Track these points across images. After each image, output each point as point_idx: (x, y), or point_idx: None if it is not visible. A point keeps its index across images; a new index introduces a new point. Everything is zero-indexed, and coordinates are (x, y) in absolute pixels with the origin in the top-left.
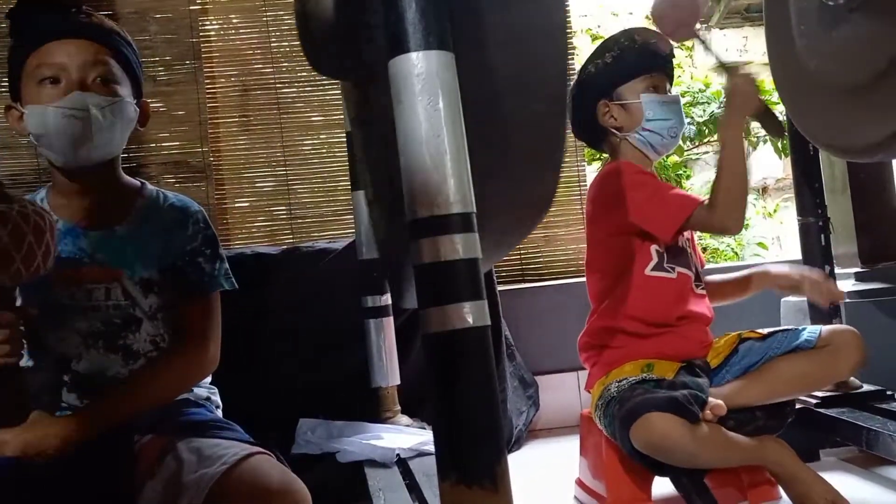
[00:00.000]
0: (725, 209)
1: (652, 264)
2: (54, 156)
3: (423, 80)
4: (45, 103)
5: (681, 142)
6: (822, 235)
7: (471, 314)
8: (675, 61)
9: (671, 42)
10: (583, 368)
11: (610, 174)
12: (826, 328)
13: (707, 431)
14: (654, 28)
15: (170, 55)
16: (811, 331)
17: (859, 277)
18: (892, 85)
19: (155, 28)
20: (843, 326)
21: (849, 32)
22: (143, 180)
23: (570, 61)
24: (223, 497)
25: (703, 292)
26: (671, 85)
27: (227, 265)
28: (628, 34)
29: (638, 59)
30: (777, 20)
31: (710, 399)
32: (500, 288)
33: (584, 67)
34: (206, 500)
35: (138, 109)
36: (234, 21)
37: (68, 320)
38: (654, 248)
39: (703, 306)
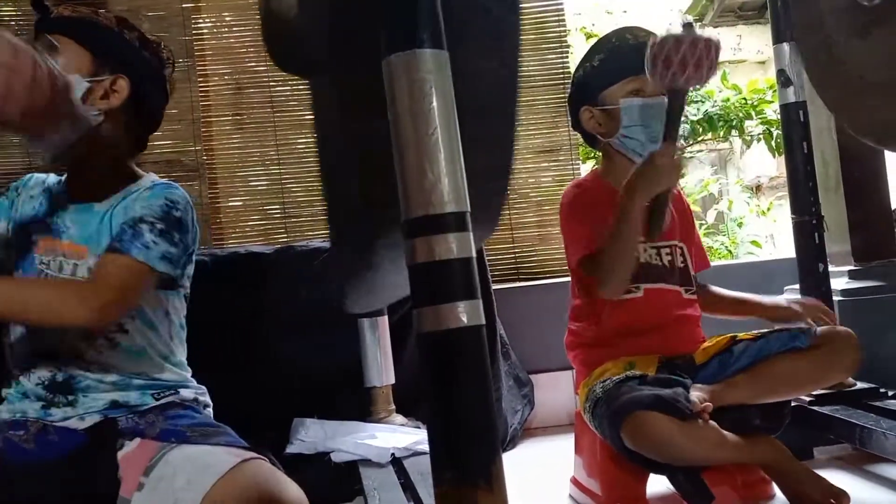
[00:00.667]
0: (605, 273)
1: None
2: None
3: (418, 79)
4: None
5: None
6: (816, 234)
7: (465, 313)
8: None
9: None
10: None
11: (566, 194)
12: (822, 328)
13: (698, 428)
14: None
15: None
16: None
17: (853, 275)
18: None
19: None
20: (839, 328)
21: (886, 30)
22: (152, 173)
23: (566, 59)
24: None
25: (692, 297)
26: None
27: (174, 253)
28: (620, 34)
29: (624, 61)
30: (810, 22)
31: (695, 395)
32: (494, 287)
33: (576, 69)
34: None
35: (89, 84)
36: (227, 19)
37: None
38: None
39: (688, 309)
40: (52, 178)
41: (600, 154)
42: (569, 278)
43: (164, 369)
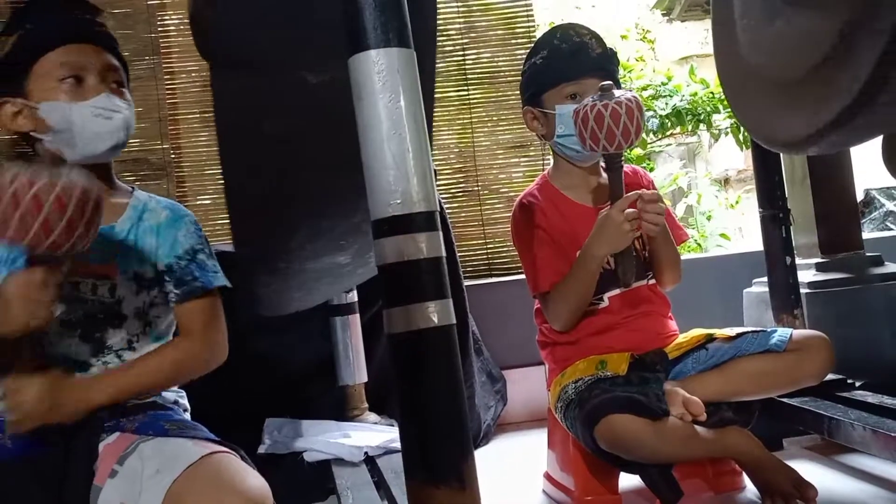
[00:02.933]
0: (557, 313)
1: None
2: (71, 151)
3: (384, 78)
4: (70, 101)
5: (644, 135)
6: (783, 227)
7: (436, 313)
8: (638, 54)
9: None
10: None
11: (514, 215)
12: (797, 332)
13: (669, 427)
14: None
15: (127, 51)
16: (782, 333)
17: (819, 268)
18: (822, 79)
19: (111, 23)
20: (814, 332)
21: (785, 26)
22: (133, 185)
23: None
24: (183, 496)
25: (653, 282)
26: (611, 78)
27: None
28: (564, 32)
29: (563, 64)
30: (722, 15)
31: (688, 395)
32: (466, 283)
33: (523, 64)
34: (165, 499)
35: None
36: None
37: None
38: None
39: (653, 302)
40: None
41: None
42: None
43: None
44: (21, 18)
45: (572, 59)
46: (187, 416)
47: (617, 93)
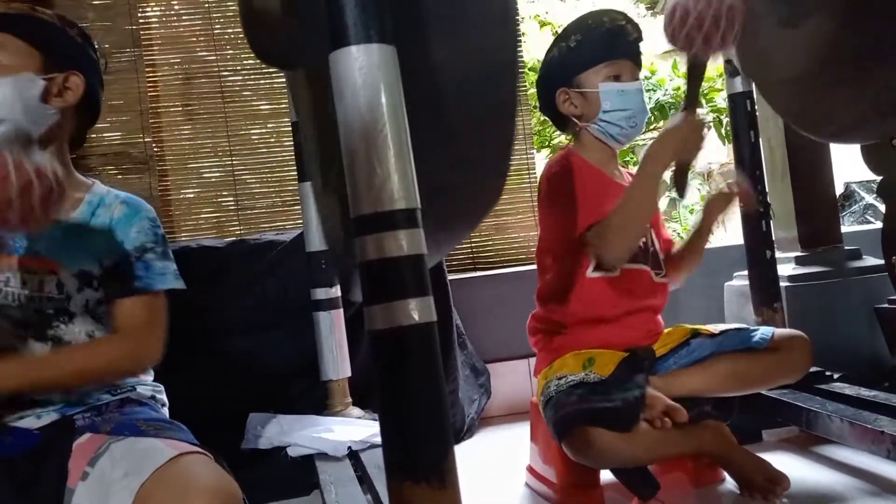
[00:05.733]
0: (612, 243)
1: (592, 266)
2: None
3: (365, 74)
4: None
5: None
6: (764, 221)
7: (416, 311)
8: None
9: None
10: (533, 355)
11: (552, 172)
12: (779, 332)
13: (641, 434)
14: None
15: (108, 43)
16: (764, 332)
17: (799, 261)
18: (853, 77)
19: (92, 15)
20: (795, 332)
21: (807, 29)
22: (96, 179)
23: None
24: (149, 499)
25: (664, 280)
26: (639, 68)
27: (175, 267)
28: (596, 17)
29: (601, 45)
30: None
31: (670, 402)
32: (451, 277)
33: (549, 49)
34: (134, 502)
35: (45, 82)
36: (176, 7)
37: (2, 308)
38: None
39: (656, 297)
40: None
41: (558, 141)
42: (524, 267)
43: None
44: None
45: (610, 40)
46: (165, 411)
47: None
